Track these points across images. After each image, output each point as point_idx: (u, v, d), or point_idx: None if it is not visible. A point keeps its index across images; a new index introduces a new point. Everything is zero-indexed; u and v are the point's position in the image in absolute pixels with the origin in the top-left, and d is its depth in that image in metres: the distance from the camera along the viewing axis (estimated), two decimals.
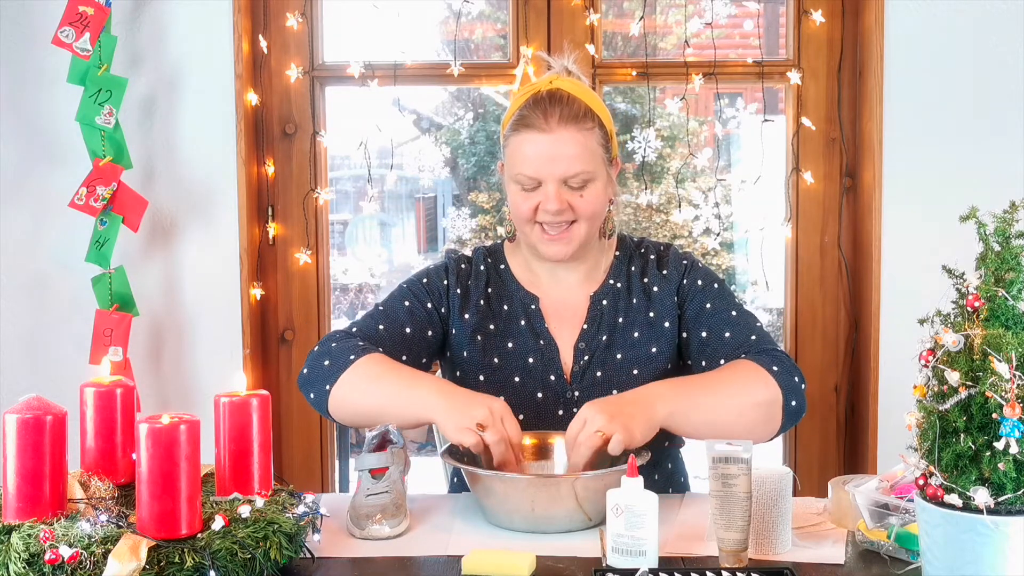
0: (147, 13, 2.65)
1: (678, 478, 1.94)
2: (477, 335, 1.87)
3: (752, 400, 1.68)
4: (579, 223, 1.79)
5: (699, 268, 1.90)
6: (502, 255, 1.95)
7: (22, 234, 2.69)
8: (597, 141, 1.78)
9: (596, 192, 1.79)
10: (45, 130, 2.66)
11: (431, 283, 1.90)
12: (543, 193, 1.76)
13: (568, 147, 1.75)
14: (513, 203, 1.81)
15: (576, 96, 1.79)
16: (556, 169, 1.75)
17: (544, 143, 1.75)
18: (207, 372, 2.71)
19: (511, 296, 1.89)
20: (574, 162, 1.75)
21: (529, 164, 1.76)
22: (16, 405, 1.37)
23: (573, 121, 1.76)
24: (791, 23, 2.79)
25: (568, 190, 1.77)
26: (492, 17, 4.92)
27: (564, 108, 1.76)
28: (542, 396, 1.83)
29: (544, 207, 1.76)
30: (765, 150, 2.79)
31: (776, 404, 1.69)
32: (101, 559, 1.24)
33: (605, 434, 1.56)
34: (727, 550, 1.41)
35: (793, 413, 1.71)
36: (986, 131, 2.63)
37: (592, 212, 1.79)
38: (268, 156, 2.78)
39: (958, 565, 1.17)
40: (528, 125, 1.77)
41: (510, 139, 1.80)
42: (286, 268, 2.82)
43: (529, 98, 1.80)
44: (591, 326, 1.86)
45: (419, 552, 1.49)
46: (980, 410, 1.16)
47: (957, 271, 1.24)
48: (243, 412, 1.45)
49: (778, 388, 1.69)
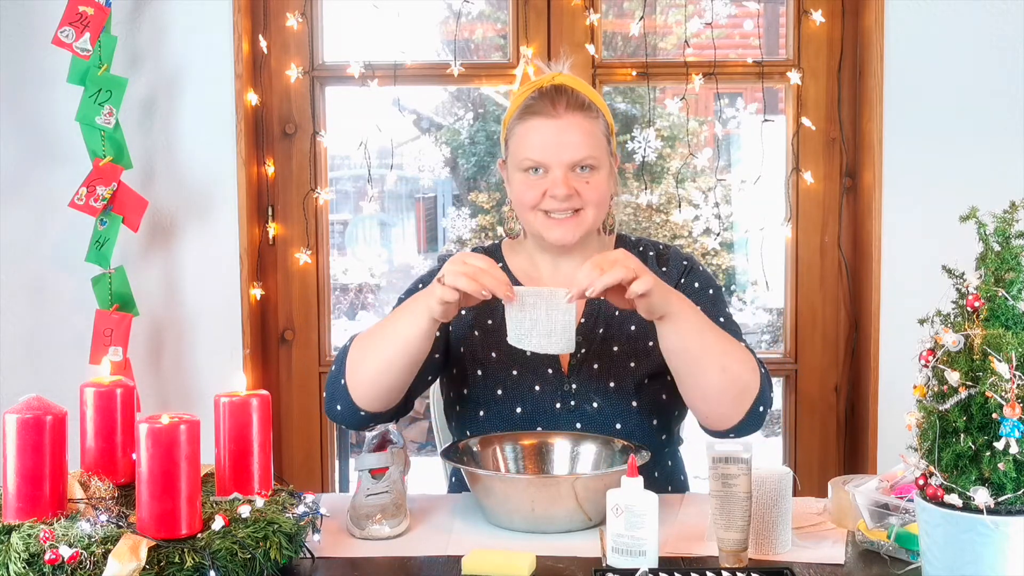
0: (147, 13, 2.65)
1: (677, 476, 1.94)
2: (474, 330, 1.87)
3: (738, 371, 1.68)
4: (586, 210, 1.80)
5: (698, 271, 1.91)
6: (499, 254, 1.95)
7: (22, 234, 2.68)
8: (601, 130, 1.81)
9: (601, 179, 1.80)
10: (45, 130, 2.66)
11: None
12: (550, 179, 1.77)
13: (575, 133, 1.77)
14: (518, 192, 1.82)
15: (579, 89, 1.82)
16: (564, 154, 1.77)
17: (552, 129, 1.77)
18: (207, 372, 2.71)
19: None
20: (581, 147, 1.77)
21: (536, 150, 1.78)
22: (16, 405, 1.38)
23: (580, 108, 1.79)
24: (791, 23, 2.79)
25: (575, 176, 1.78)
26: (492, 17, 4.92)
27: (570, 97, 1.79)
28: (539, 389, 1.83)
29: (551, 192, 1.77)
30: (765, 150, 2.79)
31: (750, 394, 1.69)
32: (101, 559, 1.25)
33: (638, 273, 1.55)
34: (727, 550, 1.41)
35: (755, 416, 1.71)
36: (986, 131, 2.63)
37: (598, 199, 1.80)
38: (268, 156, 2.78)
39: (958, 565, 1.18)
40: (535, 112, 1.79)
41: (515, 128, 1.82)
42: (286, 268, 2.82)
43: (535, 91, 1.82)
44: (588, 319, 1.86)
45: (419, 552, 1.49)
46: (980, 410, 1.16)
47: (957, 271, 1.24)
48: (243, 412, 1.45)
49: (759, 385, 1.70)
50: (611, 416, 1.81)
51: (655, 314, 1.62)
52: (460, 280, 1.57)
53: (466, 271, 1.58)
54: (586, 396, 1.82)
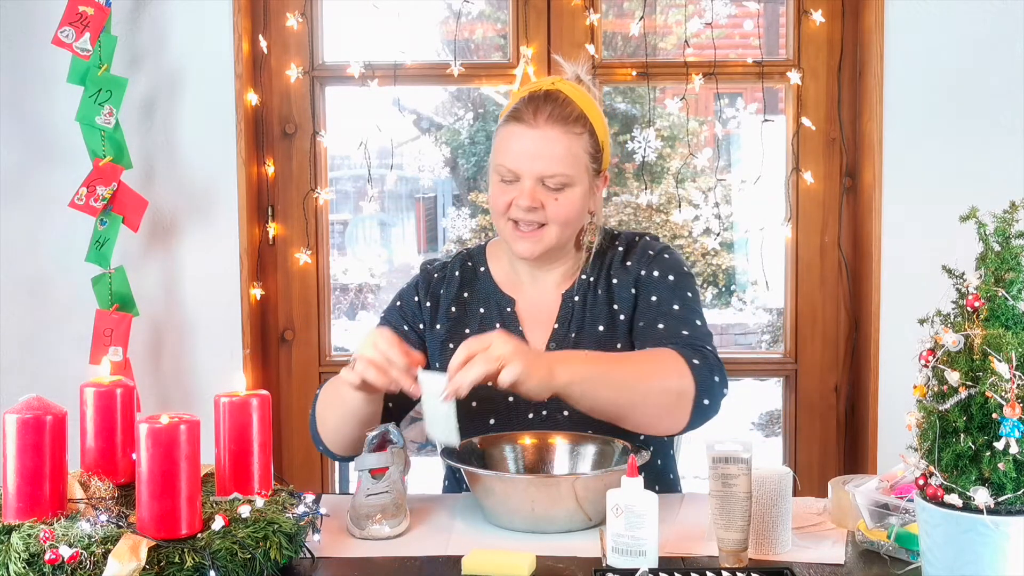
0: (147, 13, 2.65)
1: (667, 475, 1.90)
2: (448, 343, 1.86)
3: (662, 386, 1.63)
4: (549, 227, 1.76)
5: (663, 259, 1.84)
6: (483, 257, 1.93)
7: (22, 234, 2.69)
8: (583, 148, 1.76)
9: (572, 198, 1.76)
10: (45, 130, 2.66)
11: (404, 305, 1.91)
12: (518, 189, 1.75)
13: (551, 146, 1.74)
14: (491, 195, 1.81)
15: (572, 100, 1.77)
16: (535, 166, 1.74)
17: (528, 138, 1.74)
18: (207, 372, 2.71)
19: (487, 299, 1.89)
20: (553, 162, 1.74)
21: (510, 157, 1.75)
22: (16, 405, 1.37)
23: (561, 122, 1.74)
24: (791, 23, 2.79)
25: (544, 190, 1.75)
26: (492, 17, 4.92)
27: (556, 108, 1.75)
28: (513, 399, 1.80)
29: (517, 202, 1.75)
30: (765, 150, 2.79)
31: (687, 396, 1.64)
32: (101, 559, 1.25)
33: (504, 362, 1.51)
34: (727, 550, 1.41)
35: (703, 411, 1.65)
36: (986, 131, 2.63)
37: (564, 218, 1.77)
38: (268, 156, 2.78)
39: (958, 565, 1.18)
40: (517, 119, 1.76)
41: (499, 131, 1.80)
42: (286, 268, 2.82)
43: (527, 94, 1.79)
44: (562, 325, 1.84)
45: (419, 552, 1.49)
46: (980, 410, 1.16)
47: (957, 271, 1.24)
48: (243, 412, 1.45)
49: (693, 381, 1.64)
50: (582, 425, 1.76)
51: (543, 394, 1.58)
52: (369, 372, 1.58)
53: (376, 361, 1.57)
54: (557, 405, 1.78)
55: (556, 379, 1.57)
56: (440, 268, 1.93)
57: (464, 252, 1.96)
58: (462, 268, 1.92)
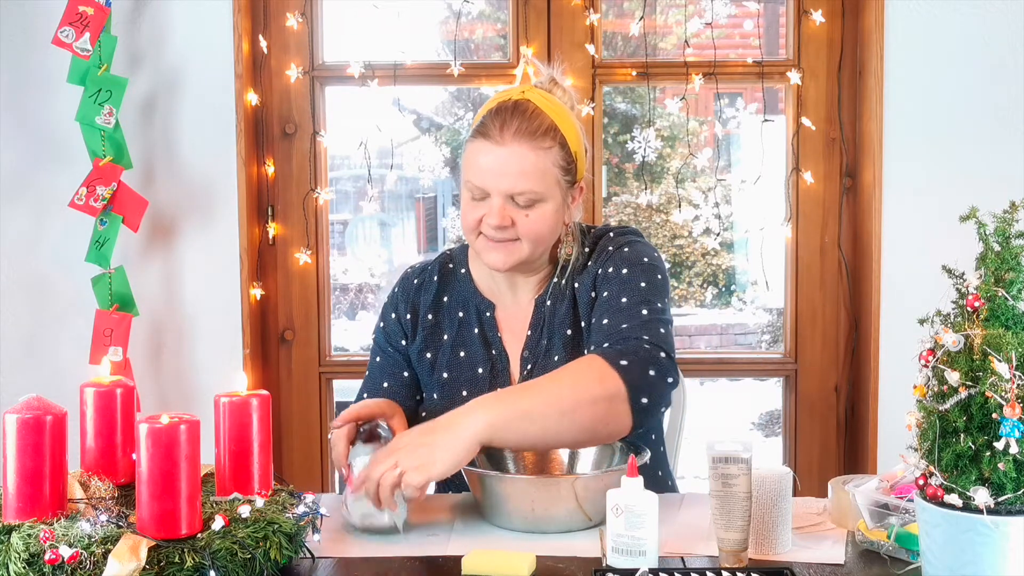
0: (147, 13, 2.65)
1: (655, 472, 1.85)
2: (426, 352, 1.85)
3: (588, 397, 1.56)
4: (520, 242, 1.73)
5: (621, 254, 1.78)
6: (464, 259, 1.90)
7: (22, 234, 2.69)
8: (554, 162, 1.71)
9: (543, 214, 1.72)
10: (45, 130, 2.66)
11: (387, 326, 1.90)
12: (487, 206, 1.71)
13: (518, 163, 1.68)
14: (462, 210, 1.77)
15: (542, 111, 1.72)
16: (502, 184, 1.69)
17: (494, 155, 1.69)
18: (207, 372, 2.71)
19: (467, 302, 1.86)
20: (521, 179, 1.69)
21: (478, 174, 1.71)
22: (16, 405, 1.37)
23: (528, 137, 1.69)
24: (791, 23, 2.79)
25: (514, 207, 1.71)
26: (492, 17, 4.92)
27: (524, 122, 1.70)
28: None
29: (487, 220, 1.71)
30: (765, 150, 2.79)
31: (618, 399, 1.57)
32: (101, 559, 1.25)
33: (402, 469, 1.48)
34: (727, 550, 1.41)
35: (644, 409, 1.60)
36: (986, 131, 2.63)
37: (536, 234, 1.73)
38: (268, 156, 2.78)
39: (958, 565, 1.18)
40: (484, 134, 1.71)
41: (467, 145, 1.76)
42: (286, 268, 2.82)
43: (495, 106, 1.74)
44: (535, 331, 1.82)
45: (419, 552, 1.49)
46: (980, 410, 1.16)
47: (957, 271, 1.24)
48: (243, 412, 1.45)
49: (620, 383, 1.57)
50: None
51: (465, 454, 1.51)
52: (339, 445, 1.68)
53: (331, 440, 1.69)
54: None
55: (467, 441, 1.51)
56: (419, 272, 1.91)
57: (446, 254, 1.94)
58: (441, 271, 1.90)
